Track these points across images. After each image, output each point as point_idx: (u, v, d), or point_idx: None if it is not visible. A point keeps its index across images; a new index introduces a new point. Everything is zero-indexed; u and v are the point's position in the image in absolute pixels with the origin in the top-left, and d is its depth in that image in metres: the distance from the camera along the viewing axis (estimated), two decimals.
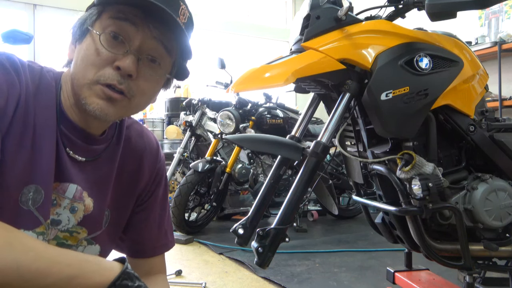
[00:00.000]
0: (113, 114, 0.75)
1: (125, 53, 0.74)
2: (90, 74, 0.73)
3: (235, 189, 3.80)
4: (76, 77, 0.75)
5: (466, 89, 1.40)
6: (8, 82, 0.69)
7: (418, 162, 1.26)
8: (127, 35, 0.74)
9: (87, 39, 0.75)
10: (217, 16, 6.18)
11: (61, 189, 0.78)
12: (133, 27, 0.74)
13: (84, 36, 0.76)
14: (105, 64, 0.73)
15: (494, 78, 3.76)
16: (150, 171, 0.93)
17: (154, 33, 0.75)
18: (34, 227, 0.74)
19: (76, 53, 0.76)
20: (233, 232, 1.41)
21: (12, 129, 0.69)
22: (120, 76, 0.73)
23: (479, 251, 1.35)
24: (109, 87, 0.73)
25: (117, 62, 0.73)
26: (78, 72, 0.74)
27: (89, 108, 0.74)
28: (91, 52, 0.73)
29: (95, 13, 0.76)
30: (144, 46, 0.75)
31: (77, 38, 0.77)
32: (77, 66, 0.75)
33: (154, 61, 0.77)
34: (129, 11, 0.74)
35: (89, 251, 0.85)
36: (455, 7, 1.24)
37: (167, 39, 0.77)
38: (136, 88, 0.76)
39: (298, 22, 1.40)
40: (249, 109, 3.60)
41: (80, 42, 0.76)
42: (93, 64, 0.73)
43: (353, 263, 2.53)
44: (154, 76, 0.78)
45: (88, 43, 0.74)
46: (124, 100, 0.75)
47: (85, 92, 0.74)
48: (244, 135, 2.35)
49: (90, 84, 0.73)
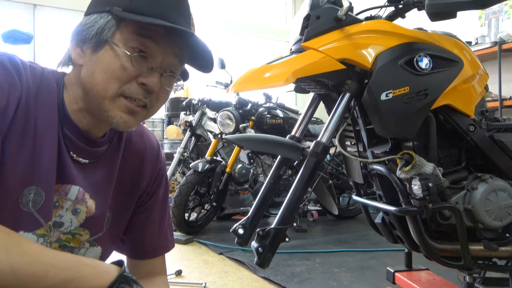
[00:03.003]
0: (134, 125, 0.78)
1: (149, 70, 0.75)
2: (113, 88, 0.74)
3: (235, 189, 3.80)
4: (95, 88, 0.74)
5: (466, 89, 1.40)
6: (9, 82, 0.69)
7: (418, 162, 1.26)
8: (150, 52, 0.75)
9: (108, 52, 0.74)
10: (217, 16, 6.18)
11: (63, 191, 0.78)
12: (156, 45, 0.75)
13: (101, 46, 0.74)
14: (130, 79, 0.74)
15: (494, 78, 3.76)
16: (151, 172, 0.93)
17: (175, 50, 0.78)
18: (34, 229, 0.74)
19: (92, 62, 0.75)
20: (233, 232, 1.41)
21: (12, 130, 0.69)
22: (145, 91, 0.76)
23: (479, 251, 1.35)
24: (131, 101, 0.75)
25: (142, 79, 0.75)
26: (98, 84, 0.74)
27: (113, 121, 0.76)
28: (116, 67, 0.73)
29: (113, 23, 0.74)
30: (165, 63, 0.77)
31: (91, 45, 0.75)
32: (96, 77, 0.74)
33: (174, 76, 0.80)
34: (151, 28, 0.74)
35: (91, 253, 0.85)
36: (455, 7, 1.24)
37: (183, 53, 0.80)
38: (155, 100, 0.79)
39: (298, 22, 1.40)
40: (249, 109, 3.60)
41: (95, 51, 0.74)
42: (118, 78, 0.74)
43: (353, 263, 2.53)
44: (171, 87, 0.82)
45: (110, 57, 0.73)
46: (143, 112, 0.79)
47: (107, 104, 0.75)
48: (244, 135, 2.35)
49: (113, 97, 0.74)
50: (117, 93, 0.74)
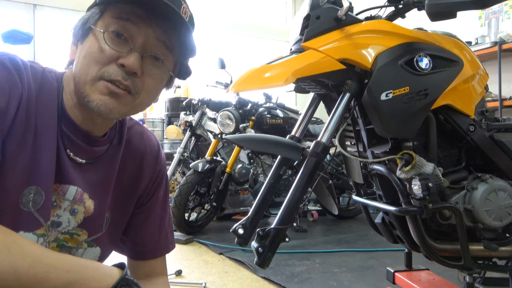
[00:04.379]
0: (117, 110, 0.75)
1: (128, 51, 0.74)
2: (93, 71, 0.73)
3: (235, 189, 3.80)
4: (78, 75, 0.74)
5: (466, 89, 1.40)
6: (10, 82, 0.69)
7: (418, 162, 1.26)
8: (130, 34, 0.74)
9: (90, 38, 0.75)
10: (217, 16, 6.18)
11: (61, 190, 0.78)
12: (135, 26, 0.74)
13: (86, 36, 0.76)
14: (109, 61, 0.73)
15: (494, 78, 3.76)
16: (151, 172, 0.93)
17: (157, 33, 0.76)
18: (34, 229, 0.73)
19: (78, 52, 0.76)
20: (233, 232, 1.41)
21: (13, 130, 0.69)
22: (124, 73, 0.73)
23: (479, 251, 1.35)
24: (112, 83, 0.73)
25: (121, 60, 0.73)
26: (81, 69, 0.74)
27: (92, 105, 0.73)
28: (94, 49, 0.73)
29: (97, 12, 0.76)
30: (147, 45, 0.75)
31: (79, 38, 0.77)
32: (80, 64, 0.74)
33: (158, 59, 0.77)
34: (131, 11, 0.74)
35: (89, 253, 0.85)
36: (455, 7, 1.24)
37: (169, 38, 0.77)
38: (141, 85, 0.76)
39: (298, 22, 1.40)
40: (249, 109, 3.60)
41: (82, 42, 0.76)
42: (96, 61, 0.73)
43: (353, 263, 2.53)
44: (158, 74, 0.79)
45: (91, 42, 0.74)
46: (128, 97, 0.75)
47: (88, 89, 0.73)
48: (244, 135, 2.35)
49: (93, 80, 0.73)
50: (96, 76, 0.73)
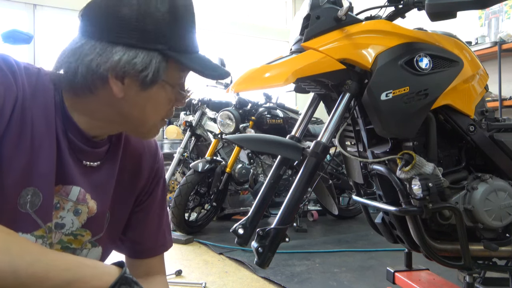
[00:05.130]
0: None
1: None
2: (159, 117, 0.81)
3: (235, 189, 3.80)
4: (145, 121, 0.80)
5: (466, 89, 1.40)
6: (5, 84, 0.68)
7: (418, 162, 1.26)
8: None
9: (159, 90, 0.77)
10: (217, 16, 6.18)
11: (64, 191, 0.77)
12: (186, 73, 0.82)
13: (152, 85, 0.75)
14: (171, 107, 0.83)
15: (494, 78, 3.76)
16: (149, 171, 0.93)
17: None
18: (32, 230, 0.73)
19: (143, 99, 0.76)
20: (233, 232, 1.41)
21: (9, 132, 0.69)
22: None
23: (479, 251, 1.35)
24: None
25: (177, 103, 0.82)
26: (149, 118, 0.80)
27: (148, 137, 0.86)
28: (164, 101, 0.79)
29: (164, 64, 0.75)
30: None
31: (141, 84, 0.74)
32: (148, 113, 0.79)
33: None
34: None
35: (92, 254, 0.85)
36: (455, 7, 1.24)
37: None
38: None
39: (298, 22, 1.40)
40: (249, 109, 3.60)
41: (145, 89, 0.75)
42: (164, 109, 0.81)
43: (353, 263, 2.53)
44: None
45: (161, 95, 0.78)
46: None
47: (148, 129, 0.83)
48: (244, 135, 2.35)
49: (156, 122, 0.82)
50: (160, 120, 0.82)
